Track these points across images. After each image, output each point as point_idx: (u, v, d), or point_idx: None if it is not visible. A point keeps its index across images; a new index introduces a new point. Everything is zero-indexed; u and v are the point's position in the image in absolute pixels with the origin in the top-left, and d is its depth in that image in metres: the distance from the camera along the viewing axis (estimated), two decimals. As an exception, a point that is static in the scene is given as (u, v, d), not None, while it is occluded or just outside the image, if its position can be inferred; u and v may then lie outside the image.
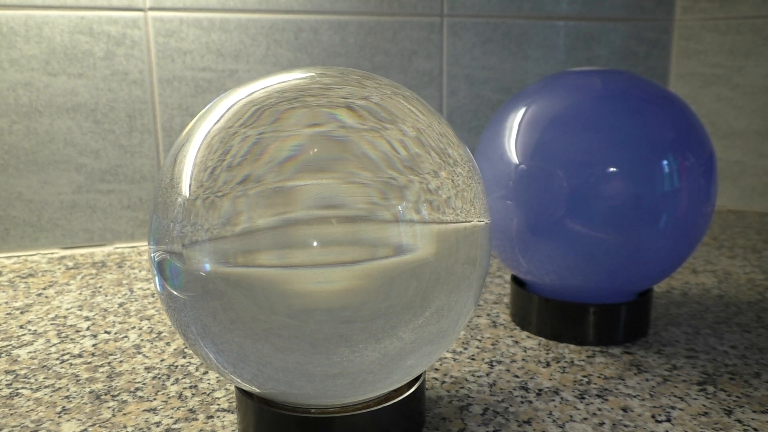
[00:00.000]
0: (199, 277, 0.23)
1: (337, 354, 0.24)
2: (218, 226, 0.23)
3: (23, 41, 0.60)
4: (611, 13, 0.78)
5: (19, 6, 0.60)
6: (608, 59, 0.79)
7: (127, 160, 0.66)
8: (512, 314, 0.45)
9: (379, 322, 0.24)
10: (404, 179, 0.24)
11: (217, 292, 0.23)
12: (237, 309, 0.23)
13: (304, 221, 0.22)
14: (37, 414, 0.33)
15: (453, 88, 0.75)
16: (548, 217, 0.37)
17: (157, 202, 0.26)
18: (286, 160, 0.23)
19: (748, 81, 0.78)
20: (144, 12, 0.63)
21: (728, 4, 0.78)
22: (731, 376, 0.37)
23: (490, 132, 0.41)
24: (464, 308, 0.27)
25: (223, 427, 0.31)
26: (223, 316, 0.24)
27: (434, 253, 0.24)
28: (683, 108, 0.38)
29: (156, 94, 0.65)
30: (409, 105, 0.27)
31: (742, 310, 0.47)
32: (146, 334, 0.43)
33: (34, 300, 0.50)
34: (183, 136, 0.27)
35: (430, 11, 0.72)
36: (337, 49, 0.70)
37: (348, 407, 0.28)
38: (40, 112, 0.63)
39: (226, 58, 0.67)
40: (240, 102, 0.26)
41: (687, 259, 0.40)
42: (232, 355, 0.25)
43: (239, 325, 0.23)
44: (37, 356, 0.40)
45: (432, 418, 0.32)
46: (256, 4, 0.66)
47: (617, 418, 0.32)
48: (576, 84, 0.39)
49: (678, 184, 0.36)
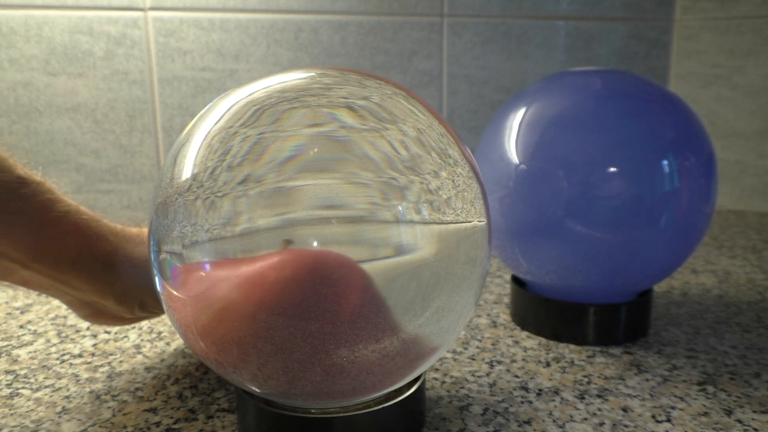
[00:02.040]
0: (199, 277, 0.23)
1: (337, 354, 0.24)
2: (218, 227, 0.23)
3: (23, 41, 0.60)
4: (611, 13, 0.78)
5: (19, 6, 0.60)
6: (608, 59, 0.79)
7: (127, 160, 0.66)
8: (512, 314, 0.45)
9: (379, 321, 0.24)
10: (405, 179, 0.24)
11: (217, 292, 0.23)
12: (237, 309, 0.23)
13: (304, 221, 0.22)
14: (37, 414, 0.33)
15: (453, 88, 0.75)
16: (548, 217, 0.37)
17: (157, 202, 0.26)
18: (286, 161, 0.23)
19: (748, 81, 0.78)
20: (144, 12, 0.63)
21: (728, 4, 0.78)
22: (731, 376, 0.37)
23: (490, 132, 0.41)
24: (464, 308, 0.27)
25: (223, 427, 0.31)
26: (223, 316, 0.24)
27: (434, 253, 0.24)
28: (683, 108, 0.38)
29: (156, 94, 0.65)
30: (409, 105, 0.27)
31: (742, 310, 0.47)
32: (146, 334, 0.43)
33: (34, 300, 0.50)
34: (183, 136, 0.27)
35: (430, 11, 0.72)
36: (337, 49, 0.70)
37: (348, 407, 0.28)
38: (40, 112, 0.63)
39: (226, 58, 0.67)
40: (240, 102, 0.26)
41: (687, 259, 0.40)
42: (232, 355, 0.25)
43: (239, 325, 0.23)
44: (37, 356, 0.40)
45: (432, 418, 0.32)
46: (256, 4, 0.66)
47: (617, 418, 0.32)
48: (576, 84, 0.39)
49: (678, 184, 0.36)
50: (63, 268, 0.30)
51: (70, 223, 0.30)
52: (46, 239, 0.29)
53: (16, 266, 0.29)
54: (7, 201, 0.28)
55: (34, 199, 0.29)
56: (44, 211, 0.29)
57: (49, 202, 0.29)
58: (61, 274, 0.30)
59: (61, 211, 0.30)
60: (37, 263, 0.29)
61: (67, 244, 0.30)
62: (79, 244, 0.30)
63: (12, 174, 0.28)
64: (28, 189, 0.29)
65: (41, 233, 0.29)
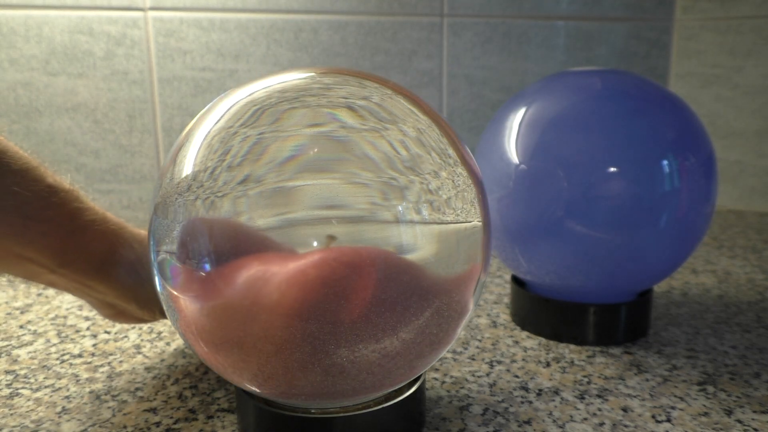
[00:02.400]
0: (199, 277, 0.23)
1: (338, 354, 0.24)
2: (218, 227, 0.23)
3: (23, 41, 0.60)
4: (611, 13, 0.78)
5: (19, 6, 0.60)
6: (608, 59, 0.79)
7: (127, 160, 0.66)
8: (512, 314, 0.45)
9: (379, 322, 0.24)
10: (405, 180, 0.24)
11: (217, 292, 0.23)
12: (237, 309, 0.23)
13: (304, 221, 0.22)
14: (37, 414, 0.33)
15: (453, 88, 0.75)
16: (548, 217, 0.37)
17: (156, 202, 0.26)
18: (286, 161, 0.23)
19: (748, 81, 0.78)
20: (144, 12, 0.63)
21: (728, 4, 0.78)
22: (731, 376, 0.37)
23: (490, 132, 0.41)
24: (464, 308, 0.27)
25: (223, 427, 0.31)
26: (223, 315, 0.24)
27: (434, 253, 0.24)
28: (683, 108, 0.38)
29: (156, 94, 0.65)
30: (409, 105, 0.27)
31: (742, 310, 0.47)
32: (146, 334, 0.43)
33: (34, 300, 0.50)
34: (183, 136, 0.27)
35: (430, 11, 0.72)
36: (337, 49, 0.70)
37: (348, 407, 0.28)
38: (40, 112, 0.63)
39: (226, 58, 0.66)
40: (240, 102, 0.26)
41: (687, 259, 0.40)
42: (233, 355, 0.25)
43: (239, 325, 0.23)
44: (37, 356, 0.40)
45: (432, 418, 0.32)
46: (256, 4, 0.66)
47: (617, 418, 0.32)
48: (576, 84, 0.39)
49: (678, 184, 0.36)
50: (89, 274, 0.31)
51: (97, 231, 0.31)
52: (73, 246, 0.30)
53: (44, 271, 0.30)
54: (38, 210, 0.28)
55: (63, 207, 0.30)
56: (72, 220, 0.30)
57: (78, 210, 0.30)
58: (86, 279, 0.31)
59: (89, 219, 0.31)
60: (63, 269, 0.30)
61: (93, 251, 0.31)
62: (105, 251, 0.31)
63: (42, 183, 0.29)
64: (58, 197, 0.29)
65: (69, 241, 0.30)
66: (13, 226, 0.28)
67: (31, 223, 0.28)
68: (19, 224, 0.28)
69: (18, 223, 0.28)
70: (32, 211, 0.28)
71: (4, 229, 0.28)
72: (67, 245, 0.30)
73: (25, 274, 0.31)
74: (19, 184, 0.28)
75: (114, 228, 0.32)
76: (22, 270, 0.30)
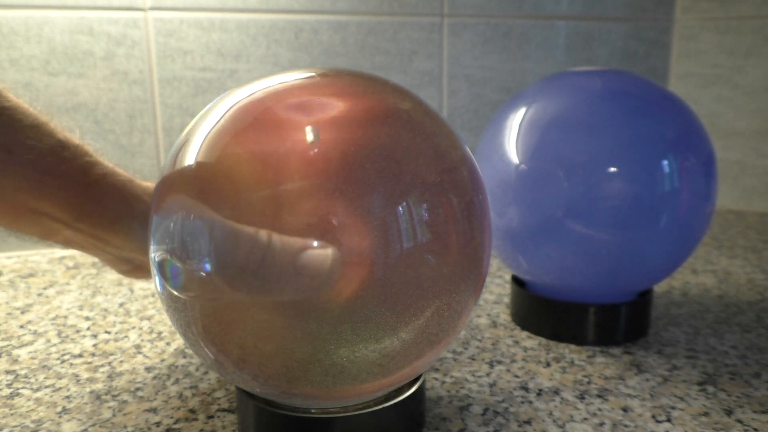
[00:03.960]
0: (199, 277, 0.23)
1: (338, 354, 0.24)
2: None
3: (23, 41, 0.60)
4: (611, 13, 0.78)
5: (19, 6, 0.60)
6: (608, 59, 0.79)
7: (127, 160, 0.66)
8: (512, 314, 0.45)
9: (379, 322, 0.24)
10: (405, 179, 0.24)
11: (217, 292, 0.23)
12: (237, 309, 0.23)
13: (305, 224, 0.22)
14: (37, 414, 0.33)
15: (453, 88, 0.75)
16: (548, 217, 0.37)
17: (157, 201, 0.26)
18: (286, 161, 0.23)
19: (748, 81, 0.78)
20: (144, 12, 0.63)
21: (728, 4, 0.78)
22: (731, 376, 0.37)
23: (490, 132, 0.41)
24: (464, 308, 0.27)
25: (223, 427, 0.31)
26: (224, 316, 0.24)
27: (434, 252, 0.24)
28: (683, 108, 0.38)
29: (156, 94, 0.65)
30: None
31: (742, 310, 0.47)
32: (146, 334, 0.43)
33: (34, 300, 0.50)
34: (183, 136, 0.27)
35: (430, 11, 0.72)
36: (337, 49, 0.70)
37: (348, 407, 0.28)
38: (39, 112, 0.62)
39: (227, 58, 0.67)
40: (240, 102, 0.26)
41: (687, 259, 0.40)
42: (233, 355, 0.25)
43: (239, 325, 0.23)
44: (38, 356, 0.40)
45: (432, 418, 0.32)
46: (256, 4, 0.66)
47: (617, 418, 0.32)
48: (576, 84, 0.39)
49: (678, 184, 0.36)
50: (104, 227, 0.31)
51: (109, 184, 0.31)
52: (87, 200, 0.30)
53: (61, 226, 0.31)
54: (53, 164, 0.29)
55: (75, 161, 0.30)
56: (85, 173, 0.30)
57: (89, 164, 0.31)
58: (102, 233, 0.32)
59: (101, 173, 0.31)
60: (79, 222, 0.31)
61: (107, 204, 0.31)
62: (118, 204, 0.32)
63: (54, 138, 0.29)
64: (69, 152, 0.30)
65: (83, 194, 0.30)
66: (30, 181, 0.28)
67: (47, 177, 0.29)
68: (36, 179, 0.28)
69: (34, 178, 0.28)
70: (47, 165, 0.29)
71: (22, 184, 0.28)
72: (82, 198, 0.30)
73: (41, 231, 0.31)
74: (33, 139, 0.28)
75: (124, 181, 0.33)
76: (39, 227, 0.30)
